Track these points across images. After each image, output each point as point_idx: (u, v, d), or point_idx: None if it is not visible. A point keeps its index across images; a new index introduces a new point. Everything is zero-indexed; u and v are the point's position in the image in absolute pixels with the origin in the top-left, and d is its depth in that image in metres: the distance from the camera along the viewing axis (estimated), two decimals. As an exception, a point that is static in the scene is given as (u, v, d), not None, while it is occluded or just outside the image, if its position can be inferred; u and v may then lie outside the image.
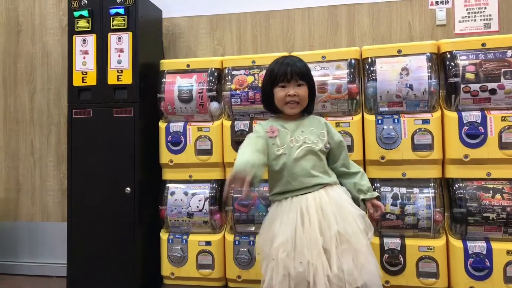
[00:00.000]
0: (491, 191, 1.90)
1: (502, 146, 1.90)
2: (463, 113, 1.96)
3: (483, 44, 1.98)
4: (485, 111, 1.94)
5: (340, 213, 1.53)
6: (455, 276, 1.93)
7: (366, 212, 1.64)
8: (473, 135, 1.93)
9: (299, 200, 1.57)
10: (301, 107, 1.68)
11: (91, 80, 2.30)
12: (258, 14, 2.67)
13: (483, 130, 1.92)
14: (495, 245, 1.89)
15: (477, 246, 1.90)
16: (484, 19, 2.36)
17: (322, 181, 1.60)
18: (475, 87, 1.93)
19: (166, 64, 2.35)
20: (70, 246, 2.29)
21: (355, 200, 1.66)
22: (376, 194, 1.69)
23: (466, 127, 1.94)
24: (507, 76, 1.90)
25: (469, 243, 1.91)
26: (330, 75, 2.11)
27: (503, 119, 1.91)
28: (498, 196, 1.88)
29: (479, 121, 1.93)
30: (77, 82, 2.32)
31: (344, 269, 1.45)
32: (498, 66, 1.92)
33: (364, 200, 1.66)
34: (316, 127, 1.69)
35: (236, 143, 2.17)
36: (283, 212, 1.58)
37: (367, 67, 2.10)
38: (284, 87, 1.66)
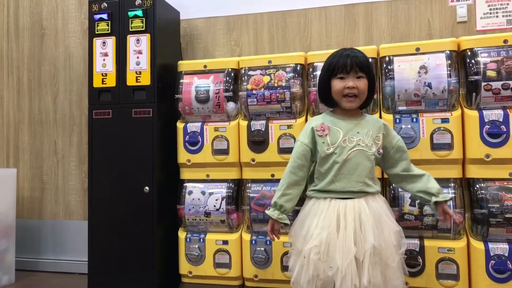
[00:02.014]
0: (514, 192, 1.85)
1: (526, 145, 1.85)
2: (484, 112, 1.91)
3: (505, 41, 1.93)
4: (508, 110, 1.89)
5: (377, 226, 1.51)
6: (476, 279, 1.88)
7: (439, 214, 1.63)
8: (495, 134, 1.88)
9: (338, 204, 1.54)
10: (360, 101, 1.61)
11: (111, 82, 2.35)
12: (274, 14, 2.67)
13: (505, 129, 1.87)
14: (518, 247, 1.84)
15: (499, 248, 1.85)
16: (507, 15, 2.30)
17: (366, 189, 1.57)
18: (496, 85, 1.89)
19: (184, 65, 2.38)
20: (91, 244, 2.34)
21: (425, 202, 1.65)
22: (449, 196, 1.63)
23: (487, 126, 1.90)
24: (530, 74, 1.85)
25: (490, 245, 1.87)
26: (347, 74, 2.09)
27: (526, 117, 1.85)
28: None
29: (501, 119, 1.88)
30: (97, 83, 2.37)
31: (371, 282, 1.45)
32: (521, 63, 1.87)
33: (436, 203, 1.60)
34: (373, 129, 1.62)
35: (253, 143, 2.18)
36: (321, 212, 1.56)
37: (384, 65, 2.07)
38: (342, 78, 1.59)
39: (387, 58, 2.07)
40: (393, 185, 2.00)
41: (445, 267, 1.91)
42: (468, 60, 1.96)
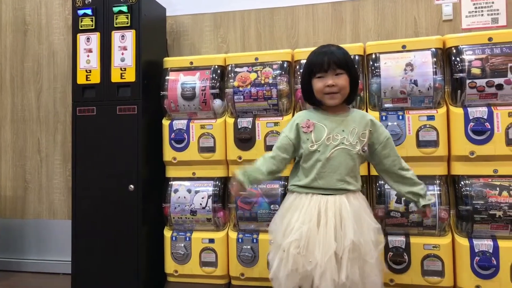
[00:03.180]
0: (497, 188, 1.86)
1: (509, 142, 1.86)
2: (469, 109, 1.92)
3: (490, 39, 1.94)
4: (492, 107, 1.90)
5: (357, 222, 1.51)
6: (461, 275, 1.89)
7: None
8: (479, 131, 1.89)
9: (319, 199, 1.55)
10: (342, 97, 1.59)
11: (95, 78, 2.31)
12: (262, 11, 2.65)
13: (489, 126, 1.89)
14: (502, 243, 1.85)
15: (484, 244, 1.86)
16: (492, 14, 2.32)
17: (348, 187, 1.56)
18: (481, 82, 1.90)
19: (169, 61, 2.35)
20: (74, 243, 2.30)
21: (411, 202, 1.70)
22: (433, 199, 1.72)
23: (472, 123, 1.91)
24: (514, 71, 1.86)
25: (475, 241, 1.88)
26: (333, 71, 2.09)
27: (510, 115, 1.87)
28: (505, 193, 1.85)
29: (485, 117, 1.90)
30: (81, 80, 2.33)
31: (350, 278, 1.45)
32: (505, 61, 1.88)
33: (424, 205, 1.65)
34: (359, 126, 1.60)
35: (239, 140, 2.17)
36: (302, 206, 1.56)
37: (371, 63, 2.07)
38: (321, 77, 1.58)
39: (373, 56, 2.07)
40: (379, 182, 2.01)
41: (431, 263, 1.91)
42: (453, 58, 1.97)
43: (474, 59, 1.92)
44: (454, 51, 1.98)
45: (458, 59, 1.95)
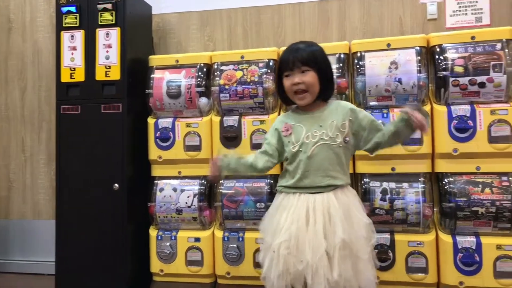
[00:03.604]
0: (480, 185, 1.88)
1: (492, 140, 1.88)
2: (452, 107, 1.94)
3: (473, 37, 1.96)
4: (474, 105, 1.92)
5: (347, 219, 1.50)
6: (444, 271, 1.91)
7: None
8: (462, 129, 1.91)
9: (307, 198, 1.53)
10: (312, 95, 1.56)
11: (79, 76, 2.29)
12: (248, 10, 2.65)
13: (472, 124, 1.90)
14: (484, 240, 1.87)
15: (467, 241, 1.88)
16: (476, 13, 2.35)
17: (335, 182, 1.54)
18: (464, 80, 1.92)
19: (155, 59, 2.34)
20: (58, 243, 2.28)
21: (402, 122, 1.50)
22: (405, 110, 1.48)
23: (455, 121, 1.93)
24: (496, 69, 1.88)
25: (458, 238, 1.90)
26: (319, 69, 2.09)
27: (492, 112, 1.89)
28: (487, 190, 1.87)
29: (468, 115, 1.92)
30: (65, 78, 2.31)
31: (343, 276, 1.44)
32: (487, 59, 1.90)
33: (406, 121, 1.49)
34: (338, 118, 1.56)
35: (225, 138, 2.16)
36: (290, 206, 1.54)
37: (356, 61, 2.08)
38: (289, 76, 1.56)
39: (358, 54, 2.08)
40: (364, 179, 2.01)
41: (415, 260, 1.93)
42: (437, 56, 1.99)
43: (457, 57, 1.94)
44: (438, 49, 1.99)
45: (441, 57, 1.97)
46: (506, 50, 1.91)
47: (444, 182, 1.93)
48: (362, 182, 2.02)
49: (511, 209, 1.83)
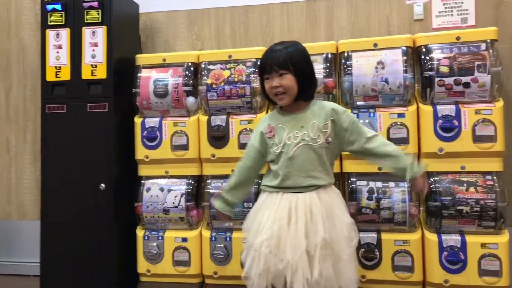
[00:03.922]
0: (465, 184, 1.90)
1: (476, 139, 1.90)
2: (438, 107, 1.96)
3: (458, 38, 1.98)
4: (459, 105, 1.94)
5: (329, 218, 1.51)
6: (430, 270, 1.93)
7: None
8: (448, 128, 1.93)
9: (290, 198, 1.54)
10: (291, 97, 1.56)
11: (65, 75, 2.26)
12: (236, 9, 2.64)
13: (457, 124, 1.92)
14: (469, 238, 1.89)
15: (452, 240, 1.90)
16: (461, 14, 2.37)
17: (317, 182, 1.55)
18: (449, 80, 1.93)
19: (142, 58, 2.32)
20: (43, 244, 2.25)
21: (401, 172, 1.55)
22: (422, 170, 1.55)
23: (440, 121, 1.94)
24: (480, 70, 1.90)
25: (443, 237, 1.91)
26: (306, 69, 2.09)
27: (477, 112, 1.91)
28: (472, 189, 1.89)
29: (453, 114, 1.93)
30: (50, 77, 2.28)
31: (323, 275, 1.45)
32: (472, 60, 1.92)
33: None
34: (319, 118, 1.57)
35: (213, 138, 2.15)
36: (272, 205, 1.55)
37: (343, 61, 2.09)
38: (268, 79, 1.58)
39: (345, 54, 2.09)
40: (351, 179, 2.02)
41: (401, 259, 1.94)
42: (423, 56, 2.00)
43: (443, 57, 1.96)
44: (424, 49, 2.01)
45: (427, 57, 1.98)
46: (491, 51, 1.93)
47: (430, 181, 1.95)
48: (349, 181, 2.03)
49: (495, 208, 1.85)
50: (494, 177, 1.90)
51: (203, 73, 2.21)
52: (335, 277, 1.47)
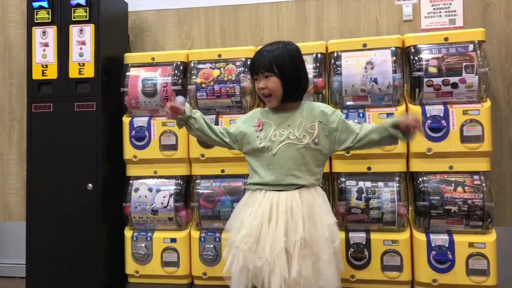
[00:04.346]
0: (453, 184, 1.91)
1: (464, 139, 1.92)
2: (427, 107, 1.97)
3: (446, 39, 2.00)
4: (448, 105, 1.95)
5: (310, 218, 1.50)
6: (418, 269, 1.94)
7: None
8: (436, 128, 1.94)
9: (272, 196, 1.53)
10: (276, 99, 1.57)
11: (52, 74, 2.23)
12: (226, 8, 2.63)
13: (445, 124, 1.93)
14: (457, 238, 1.90)
15: (440, 239, 1.91)
16: (449, 15, 2.39)
17: (298, 182, 1.54)
18: (437, 81, 1.95)
19: (130, 57, 2.30)
20: (29, 245, 2.21)
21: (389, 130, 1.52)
22: (395, 120, 1.52)
23: (429, 121, 1.95)
24: (468, 70, 1.92)
25: (432, 236, 1.92)
26: (296, 69, 2.09)
27: (465, 112, 1.92)
28: (459, 189, 1.90)
29: (441, 114, 1.95)
30: (36, 75, 2.24)
31: (302, 274, 1.44)
32: (460, 60, 1.94)
33: (395, 129, 1.51)
34: (307, 119, 1.57)
35: (202, 138, 2.13)
36: (254, 202, 1.55)
37: (332, 61, 2.09)
38: (256, 79, 1.61)
39: (335, 54, 2.09)
40: (341, 179, 2.02)
41: (390, 258, 1.95)
42: (411, 57, 2.01)
43: (431, 58, 1.97)
44: (413, 50, 2.02)
45: (416, 58, 1.99)
46: (478, 52, 1.94)
47: (418, 181, 1.96)
48: (338, 181, 2.03)
49: (482, 208, 1.87)
50: (482, 177, 1.92)
51: (192, 72, 2.19)
52: (314, 278, 1.46)
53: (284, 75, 1.55)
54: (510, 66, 2.29)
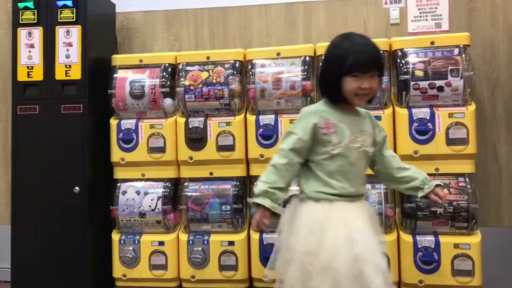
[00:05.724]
0: (439, 186, 1.94)
1: (449, 142, 1.94)
2: (413, 110, 1.99)
3: (432, 43, 2.02)
4: (434, 108, 1.98)
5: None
6: (405, 270, 1.96)
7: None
8: (423, 131, 1.96)
9: (349, 208, 1.37)
10: (367, 100, 1.43)
11: (38, 75, 2.20)
12: (215, 10, 2.62)
13: (431, 127, 1.96)
14: (442, 239, 1.93)
15: (426, 240, 1.93)
16: (435, 19, 2.42)
17: (364, 191, 1.48)
18: (424, 84, 1.97)
19: (118, 59, 2.28)
20: (14, 249, 2.18)
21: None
22: (433, 184, 1.49)
23: (416, 124, 1.98)
24: (453, 74, 1.95)
25: (418, 238, 1.95)
26: (284, 72, 2.10)
27: (450, 115, 1.95)
28: (445, 191, 1.92)
29: (428, 117, 1.97)
30: (22, 77, 2.21)
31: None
32: (446, 64, 1.97)
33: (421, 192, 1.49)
34: (369, 125, 1.48)
35: (190, 140, 2.13)
36: (341, 217, 1.35)
37: (320, 64, 2.10)
38: (356, 76, 1.36)
39: (322, 57, 2.09)
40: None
41: (377, 260, 1.96)
42: (398, 60, 2.04)
43: (418, 61, 2.00)
44: (400, 53, 2.04)
45: (403, 61, 2.02)
46: (463, 56, 1.98)
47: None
48: (327, 183, 2.04)
49: (468, 209, 1.90)
50: (467, 179, 1.95)
51: (180, 74, 2.18)
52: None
53: (382, 76, 1.45)
54: (494, 70, 2.33)
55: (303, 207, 1.42)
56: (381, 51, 1.46)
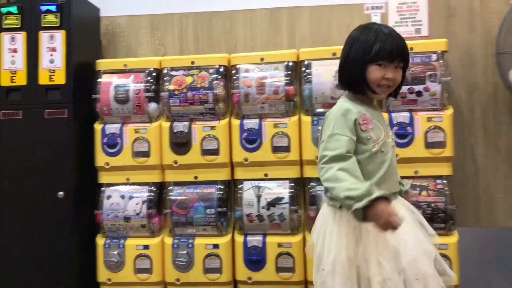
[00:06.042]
0: (418, 188, 1.99)
1: (428, 145, 2.00)
2: (393, 114, 2.04)
3: (411, 48, 2.06)
4: (413, 112, 2.03)
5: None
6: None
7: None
8: (402, 135, 2.01)
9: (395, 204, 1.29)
10: (388, 93, 1.38)
11: (21, 80, 2.20)
12: (200, 15, 2.65)
13: (411, 130, 2.01)
14: (422, 240, 1.97)
15: (406, 242, 1.98)
16: (415, 25, 2.48)
17: (398, 189, 1.41)
18: (403, 89, 2.00)
19: (102, 63, 2.29)
20: (-1, 254, 2.18)
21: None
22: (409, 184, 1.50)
23: (396, 128, 2.02)
24: (431, 79, 2.00)
25: (398, 239, 1.99)
26: (268, 77, 2.13)
27: (429, 119, 2.00)
28: (424, 193, 1.98)
29: (407, 121, 2.02)
30: (5, 81, 2.20)
31: None
32: (424, 70, 2.02)
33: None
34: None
35: (175, 144, 2.15)
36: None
37: (303, 69, 2.14)
38: (381, 65, 1.31)
39: (306, 62, 2.14)
40: (311, 184, 2.06)
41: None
42: (379, 66, 2.08)
43: (397, 67, 2.04)
44: (380, 59, 2.09)
45: (383, 66, 2.06)
46: (441, 61, 2.03)
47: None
48: (309, 186, 2.07)
49: (445, 210, 1.95)
50: (444, 181, 2.00)
51: (165, 79, 2.20)
52: None
53: (405, 70, 1.39)
54: (471, 75, 2.40)
55: (341, 215, 1.31)
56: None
